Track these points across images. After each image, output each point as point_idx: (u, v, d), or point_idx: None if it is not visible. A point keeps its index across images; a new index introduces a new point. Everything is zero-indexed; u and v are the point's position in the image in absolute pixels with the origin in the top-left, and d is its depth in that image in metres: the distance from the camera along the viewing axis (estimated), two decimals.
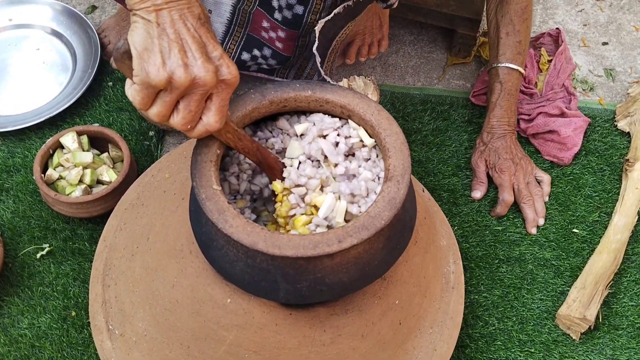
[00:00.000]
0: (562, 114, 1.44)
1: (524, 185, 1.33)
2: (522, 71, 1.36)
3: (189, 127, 0.77)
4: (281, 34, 1.24)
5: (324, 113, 0.91)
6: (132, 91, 0.74)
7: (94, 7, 1.67)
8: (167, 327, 0.95)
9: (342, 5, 1.20)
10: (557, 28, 1.56)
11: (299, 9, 1.19)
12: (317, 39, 1.22)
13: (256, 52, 1.31)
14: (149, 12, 0.71)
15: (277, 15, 1.21)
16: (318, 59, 1.27)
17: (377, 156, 0.89)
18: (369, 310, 0.93)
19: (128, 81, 0.75)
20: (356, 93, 0.89)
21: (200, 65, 0.72)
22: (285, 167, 0.88)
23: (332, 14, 1.19)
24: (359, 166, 0.87)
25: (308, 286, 0.80)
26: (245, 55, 1.32)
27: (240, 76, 0.77)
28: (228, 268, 0.82)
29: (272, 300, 0.87)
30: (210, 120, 0.77)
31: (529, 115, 1.45)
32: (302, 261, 0.77)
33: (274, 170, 0.87)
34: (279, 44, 1.27)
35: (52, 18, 1.58)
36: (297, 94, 0.89)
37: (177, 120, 0.76)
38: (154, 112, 0.75)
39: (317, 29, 1.20)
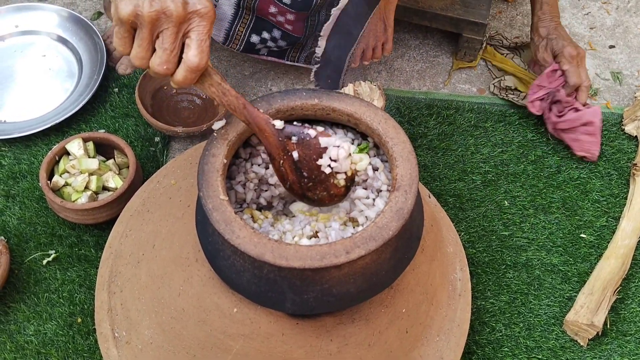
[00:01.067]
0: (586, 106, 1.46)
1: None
2: None
3: (166, 68, 0.74)
4: (290, 16, 1.25)
5: (331, 122, 0.91)
6: (113, 37, 0.75)
7: (99, 14, 1.67)
8: (173, 335, 0.95)
9: None
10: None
11: None
12: (333, 19, 1.22)
13: (265, 34, 1.31)
14: None
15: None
16: (321, 47, 1.25)
17: (376, 170, 0.89)
18: (375, 319, 0.93)
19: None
20: (363, 101, 0.88)
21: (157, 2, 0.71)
22: (276, 127, 0.84)
23: None
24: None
25: (315, 297, 0.80)
26: (255, 38, 1.32)
27: (248, 56, 0.76)
28: (235, 278, 0.82)
29: (279, 311, 0.86)
30: (190, 57, 0.74)
31: (561, 112, 1.45)
32: (309, 272, 0.77)
33: (265, 132, 0.84)
34: (288, 26, 1.28)
35: (58, 24, 1.58)
36: (304, 102, 0.89)
37: (155, 61, 0.74)
38: (133, 54, 0.74)
39: (337, 9, 1.20)
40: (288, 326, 0.88)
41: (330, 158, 0.85)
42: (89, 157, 1.29)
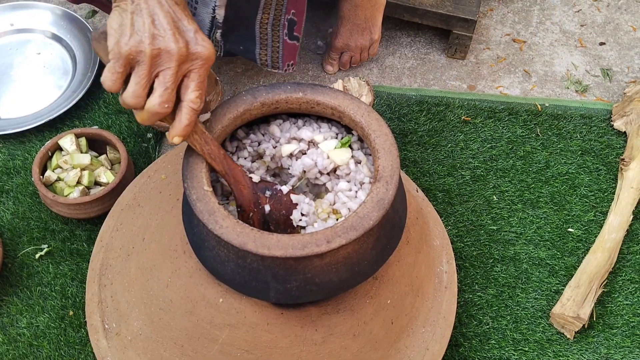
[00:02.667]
0: None
1: None
2: None
3: (167, 107, 0.74)
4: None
5: (315, 115, 0.93)
6: (105, 71, 0.73)
7: (94, 12, 1.69)
8: (162, 326, 0.96)
9: None
10: None
11: None
12: None
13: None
14: (127, 1, 0.73)
15: None
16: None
17: (358, 163, 0.91)
18: (360, 309, 0.94)
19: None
20: (347, 95, 0.90)
21: (170, 37, 0.72)
22: (252, 181, 0.87)
23: None
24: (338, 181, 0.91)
25: (298, 286, 0.81)
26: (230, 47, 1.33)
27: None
28: (219, 268, 0.84)
29: (263, 300, 0.88)
30: (191, 96, 0.75)
31: None
32: (291, 261, 0.78)
33: (240, 184, 0.85)
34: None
35: (52, 22, 1.60)
36: (289, 95, 0.90)
37: (154, 100, 0.73)
38: (130, 92, 0.73)
39: None
40: (273, 316, 0.89)
41: (301, 213, 0.87)
42: (82, 152, 1.30)
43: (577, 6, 1.78)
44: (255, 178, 0.87)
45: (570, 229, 1.35)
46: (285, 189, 0.88)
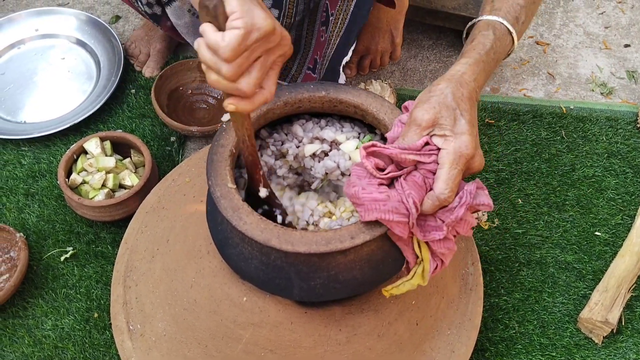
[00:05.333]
0: None
1: None
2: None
3: (255, 90, 0.71)
4: None
5: (338, 114, 0.92)
6: (232, 33, 0.66)
7: (117, 17, 1.71)
8: (186, 326, 0.96)
9: None
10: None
11: (274, 12, 1.20)
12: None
13: None
14: None
15: None
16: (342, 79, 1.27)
17: None
18: (384, 310, 0.93)
19: (212, 34, 0.67)
20: (369, 93, 0.89)
21: (281, 26, 0.70)
22: (266, 186, 0.86)
23: None
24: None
25: (322, 284, 0.81)
26: None
27: None
28: (243, 266, 0.83)
29: (287, 298, 0.87)
30: (272, 88, 0.73)
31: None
32: (315, 258, 0.78)
33: (255, 178, 0.86)
34: None
35: (76, 28, 1.62)
36: (311, 94, 0.90)
37: (249, 79, 0.69)
38: (253, 80, 0.69)
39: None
40: (296, 315, 0.89)
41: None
42: (106, 155, 1.31)
43: (601, 8, 1.76)
44: (263, 194, 0.86)
45: (597, 233, 1.33)
46: (280, 218, 0.88)
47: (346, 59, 1.32)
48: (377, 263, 0.82)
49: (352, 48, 1.34)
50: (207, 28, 0.68)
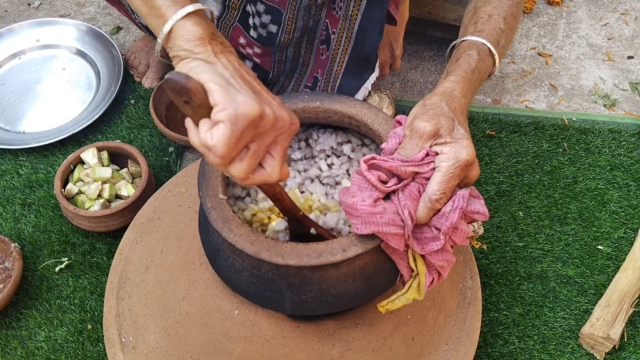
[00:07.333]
0: None
1: None
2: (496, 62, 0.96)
3: (249, 175, 0.69)
4: (257, 50, 1.26)
5: (333, 124, 0.91)
6: (219, 131, 0.64)
7: (118, 28, 1.71)
8: (178, 339, 0.95)
9: None
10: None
11: (273, 28, 1.20)
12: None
13: None
14: (209, 55, 0.68)
15: (252, 32, 1.23)
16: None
17: None
18: (379, 324, 0.91)
19: (194, 127, 0.67)
20: (364, 103, 0.88)
21: (278, 106, 0.68)
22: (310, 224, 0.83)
23: None
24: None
25: (314, 297, 0.79)
26: None
27: None
28: (234, 278, 0.82)
29: (278, 312, 0.86)
30: (275, 170, 0.70)
31: None
32: (306, 271, 0.76)
33: (299, 219, 0.83)
34: (256, 59, 1.28)
35: (77, 38, 1.62)
36: (306, 105, 0.89)
37: (240, 167, 0.67)
38: (245, 168, 0.67)
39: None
40: (289, 329, 0.87)
41: None
42: (103, 165, 1.31)
43: (604, 20, 1.75)
44: (314, 231, 0.84)
45: (599, 246, 1.31)
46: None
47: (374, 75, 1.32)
48: (370, 276, 0.80)
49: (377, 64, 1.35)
50: (191, 127, 0.67)
